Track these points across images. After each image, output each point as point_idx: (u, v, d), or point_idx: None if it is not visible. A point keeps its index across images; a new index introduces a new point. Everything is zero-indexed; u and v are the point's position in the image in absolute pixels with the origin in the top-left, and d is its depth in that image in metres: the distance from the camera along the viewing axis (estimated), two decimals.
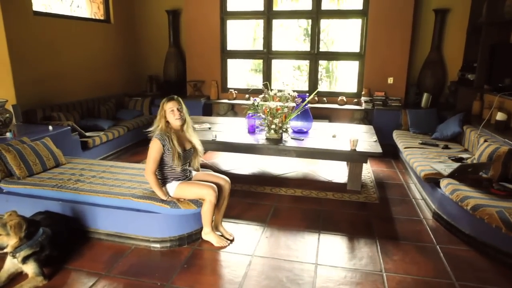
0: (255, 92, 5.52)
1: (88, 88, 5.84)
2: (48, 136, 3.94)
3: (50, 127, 4.24)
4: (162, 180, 2.94)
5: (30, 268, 2.47)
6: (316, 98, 5.93)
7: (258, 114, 4.29)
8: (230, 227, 3.21)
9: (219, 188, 2.99)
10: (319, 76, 6.44)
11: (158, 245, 2.91)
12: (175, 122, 2.87)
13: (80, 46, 5.66)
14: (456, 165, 3.43)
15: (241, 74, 7.21)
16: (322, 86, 6.65)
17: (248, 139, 4.29)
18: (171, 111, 2.84)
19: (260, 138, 4.31)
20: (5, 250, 2.47)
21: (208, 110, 6.64)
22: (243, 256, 2.80)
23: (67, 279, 2.55)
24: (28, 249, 2.49)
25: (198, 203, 2.87)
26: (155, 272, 2.61)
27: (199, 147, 3.05)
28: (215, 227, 3.08)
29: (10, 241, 2.44)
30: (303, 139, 4.25)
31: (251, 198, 3.85)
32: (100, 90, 6.10)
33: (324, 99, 6.12)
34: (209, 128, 4.77)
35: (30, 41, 4.73)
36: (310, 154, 4.15)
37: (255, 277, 2.55)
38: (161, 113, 2.87)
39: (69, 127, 4.42)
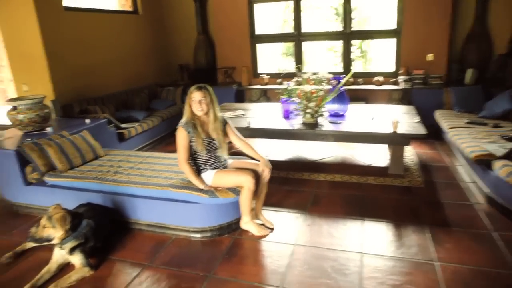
0: (287, 76, 5.38)
1: (121, 81, 5.90)
2: (86, 129, 3.99)
3: (87, 120, 4.31)
4: (197, 169, 2.90)
5: (76, 259, 2.52)
6: (351, 79, 5.70)
7: (292, 99, 4.16)
8: (270, 215, 3.14)
9: (258, 174, 2.92)
10: (352, 57, 6.18)
11: (198, 235, 2.89)
12: (197, 113, 2.82)
13: (110, 38, 5.70)
14: (510, 145, 3.17)
15: (272, 59, 7.06)
16: (357, 67, 6.39)
17: (283, 125, 4.18)
18: (193, 101, 2.79)
19: (296, 123, 4.18)
20: (52, 242, 2.53)
21: (241, 96, 6.55)
22: (285, 245, 2.73)
23: (112, 270, 2.58)
24: (74, 241, 2.53)
25: (236, 191, 2.81)
26: (196, 262, 2.60)
27: (223, 143, 2.93)
28: (255, 216, 3.02)
29: (57, 234, 2.49)
30: (340, 123, 4.08)
31: (289, 185, 3.76)
32: (132, 81, 6.15)
33: (360, 80, 5.87)
34: (243, 115, 4.69)
35: (63, 36, 4.80)
36: (348, 137, 3.98)
37: (299, 267, 2.48)
38: (188, 101, 2.83)
39: (105, 120, 4.48)
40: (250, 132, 4.30)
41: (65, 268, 2.59)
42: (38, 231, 2.50)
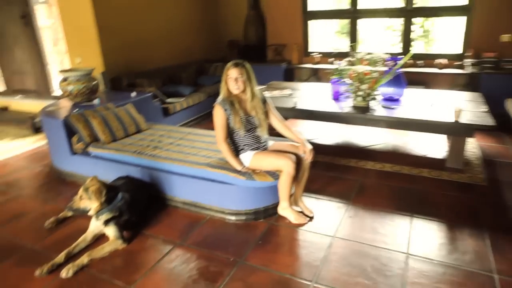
0: (340, 55, 5.04)
1: (169, 55, 5.89)
2: (131, 102, 4.02)
3: (133, 94, 4.34)
4: (236, 149, 2.78)
5: (110, 231, 2.53)
6: (410, 61, 5.23)
7: (343, 80, 3.87)
8: (310, 202, 2.96)
9: (299, 159, 2.73)
10: (413, 36, 5.65)
11: (233, 218, 2.79)
12: (233, 91, 2.66)
13: (160, 12, 5.67)
14: None
15: (325, 37, 6.68)
16: (417, 48, 5.85)
17: (332, 107, 3.91)
18: (230, 78, 2.63)
19: (345, 105, 3.90)
20: (89, 213, 2.56)
21: (290, 75, 6.30)
22: (323, 237, 2.55)
23: (145, 245, 2.57)
24: (108, 213, 2.54)
25: (275, 175, 2.66)
26: (228, 246, 2.50)
27: (262, 121, 2.76)
28: (294, 202, 2.86)
29: (92, 205, 2.51)
30: (394, 108, 3.74)
31: (334, 171, 3.53)
32: (181, 56, 6.12)
33: (420, 62, 5.37)
34: (290, 95, 4.48)
35: (113, 10, 4.83)
36: (402, 125, 3.63)
37: (335, 262, 2.29)
38: (224, 78, 2.68)
39: (151, 94, 4.49)
40: (296, 113, 4.09)
41: (100, 238, 2.62)
42: (75, 201, 2.53)
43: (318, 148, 4.16)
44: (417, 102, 3.92)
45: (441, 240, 2.47)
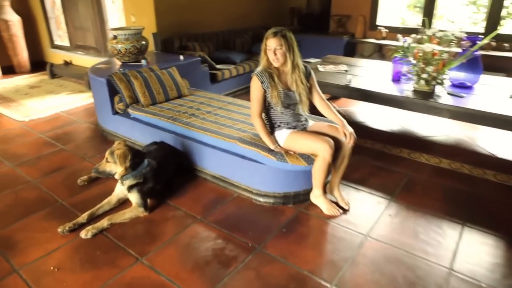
0: (409, 31, 4.47)
1: (225, 19, 5.68)
2: (179, 66, 3.92)
3: (181, 57, 4.23)
4: (271, 126, 2.55)
5: (133, 198, 2.49)
6: (492, 42, 4.50)
7: (407, 59, 3.41)
8: (348, 193, 2.69)
9: (338, 144, 2.45)
10: (504, 14, 4.84)
11: (260, 199, 2.61)
12: (273, 63, 2.39)
13: None
14: None
15: (396, 10, 6.01)
16: (506, 28, 5.03)
17: (390, 89, 3.49)
18: (268, 50, 2.37)
19: (406, 88, 3.45)
20: (115, 177, 2.53)
21: (351, 50, 5.83)
22: (355, 234, 2.29)
23: (166, 216, 2.49)
24: (132, 179, 2.49)
25: (309, 159, 2.41)
26: (249, 229, 2.34)
27: (303, 97, 2.48)
28: (330, 191, 2.60)
29: (117, 169, 2.46)
30: (464, 96, 3.22)
31: (381, 161, 3.18)
32: (237, 21, 5.89)
33: (506, 45, 4.61)
34: (346, 71, 4.09)
35: None
36: (471, 117, 3.12)
37: (363, 266, 2.04)
38: (263, 48, 2.42)
39: (199, 58, 4.35)
40: (348, 92, 3.72)
41: (125, 202, 2.60)
42: (101, 164, 2.51)
43: (368, 133, 3.84)
44: (494, 92, 3.35)
45: (495, 260, 2.08)
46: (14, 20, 6.13)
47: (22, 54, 6.39)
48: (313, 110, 2.65)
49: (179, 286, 1.91)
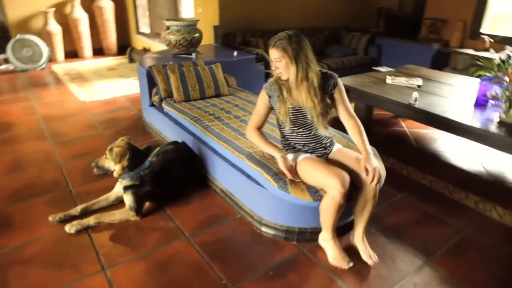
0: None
1: (299, 16, 5.25)
2: (230, 62, 3.70)
3: (235, 53, 3.98)
4: (288, 148, 2.13)
5: (127, 199, 2.32)
6: None
7: (499, 79, 2.64)
8: (375, 242, 2.13)
9: (359, 182, 1.94)
10: None
11: (262, 228, 2.22)
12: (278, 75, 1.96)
13: None
14: None
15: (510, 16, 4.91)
16: None
17: (466, 116, 2.75)
18: (271, 61, 1.97)
19: (489, 118, 2.69)
20: (113, 175, 2.39)
21: (441, 61, 4.93)
22: None
23: (155, 225, 2.27)
24: (129, 180, 2.32)
25: (317, 194, 1.93)
26: (233, 261, 1.99)
27: (316, 117, 1.98)
28: (352, 238, 2.09)
29: (114, 167, 2.32)
30: None
31: (434, 206, 2.51)
32: (312, 19, 5.41)
33: None
34: (418, 87, 3.40)
35: None
36: None
37: None
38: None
39: (254, 56, 4.05)
40: (412, 113, 3.07)
41: (123, 202, 2.45)
42: (101, 159, 2.39)
43: (430, 165, 3.12)
44: None
45: None
46: (108, 6, 6.58)
47: (111, 38, 6.87)
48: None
49: None
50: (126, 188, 2.32)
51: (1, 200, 2.52)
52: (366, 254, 2.01)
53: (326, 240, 2.02)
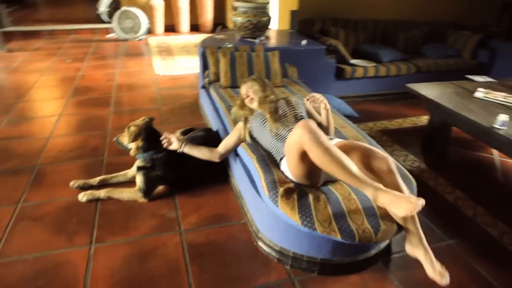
0: None
1: (393, 7, 4.60)
2: (296, 52, 3.43)
3: (303, 42, 3.66)
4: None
5: (138, 180, 2.29)
6: None
7: None
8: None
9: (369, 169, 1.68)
10: None
11: (258, 241, 1.99)
12: None
13: None
14: None
15: None
16: None
17: None
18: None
19: None
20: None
21: None
22: None
23: (157, 212, 2.20)
24: (141, 161, 2.30)
25: (308, 220, 1.60)
26: (212, 270, 1.81)
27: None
28: (409, 246, 1.64)
29: (130, 145, 2.31)
30: None
31: (494, 270, 1.91)
32: (409, 11, 4.68)
33: None
34: None
35: None
36: None
37: None
38: None
39: (324, 47, 3.67)
40: (493, 141, 2.41)
41: None
42: (121, 135, 2.40)
43: (510, 213, 2.42)
44: None
45: None
46: None
47: (207, 15, 7.03)
48: None
49: None
50: (138, 168, 2.30)
51: (47, 157, 2.75)
52: (431, 267, 1.55)
53: (376, 197, 1.53)
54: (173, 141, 2.19)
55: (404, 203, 1.45)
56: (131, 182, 2.41)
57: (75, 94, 4.02)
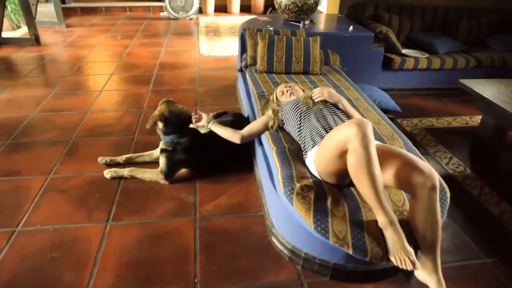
0: None
1: None
2: (341, 38, 3.23)
3: (351, 28, 3.42)
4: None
5: (160, 161, 2.29)
6: None
7: None
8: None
9: (408, 187, 1.50)
10: None
11: (272, 236, 1.90)
12: None
13: None
14: None
15: None
16: None
17: None
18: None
19: None
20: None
21: None
22: None
23: (176, 195, 2.19)
24: (163, 143, 2.28)
25: (322, 226, 1.48)
26: (220, 262, 1.76)
27: None
28: (424, 270, 1.47)
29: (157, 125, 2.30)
30: None
31: None
32: None
33: None
34: None
35: None
36: None
37: None
38: None
39: (372, 34, 3.40)
40: None
41: None
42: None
43: None
44: None
45: None
46: None
47: None
48: None
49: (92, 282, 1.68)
50: (161, 151, 2.29)
51: (83, 131, 2.85)
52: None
53: (384, 228, 1.45)
54: (203, 117, 2.23)
55: (402, 254, 1.38)
56: (155, 163, 2.42)
57: (119, 70, 4.12)
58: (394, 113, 3.12)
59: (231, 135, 2.15)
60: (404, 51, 3.61)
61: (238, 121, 2.55)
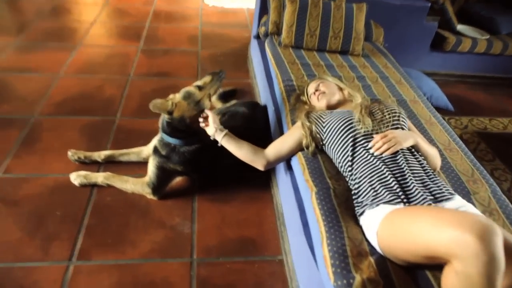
0: None
1: None
2: (386, 7, 2.51)
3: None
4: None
5: (149, 167, 1.69)
6: None
7: None
8: None
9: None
10: None
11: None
12: None
13: None
14: None
15: None
16: None
17: None
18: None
19: None
20: None
21: None
22: None
23: (168, 220, 1.63)
24: (158, 142, 1.67)
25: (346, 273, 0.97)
26: None
27: None
28: None
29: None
30: None
31: None
32: None
33: None
34: None
35: None
36: None
37: None
38: None
39: (428, 5, 2.67)
40: None
41: None
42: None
43: None
44: None
45: None
46: None
47: None
48: None
49: None
50: (154, 150, 1.68)
51: (49, 105, 2.19)
52: None
53: None
54: (210, 125, 1.51)
55: None
56: (144, 164, 1.81)
57: (103, 17, 3.34)
58: (443, 111, 2.51)
59: (252, 159, 1.49)
60: (459, 27, 2.91)
61: (253, 116, 1.94)
